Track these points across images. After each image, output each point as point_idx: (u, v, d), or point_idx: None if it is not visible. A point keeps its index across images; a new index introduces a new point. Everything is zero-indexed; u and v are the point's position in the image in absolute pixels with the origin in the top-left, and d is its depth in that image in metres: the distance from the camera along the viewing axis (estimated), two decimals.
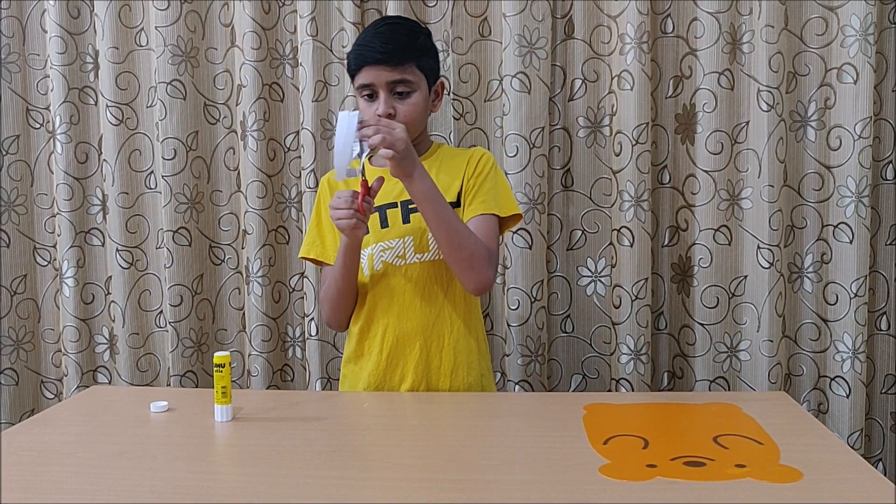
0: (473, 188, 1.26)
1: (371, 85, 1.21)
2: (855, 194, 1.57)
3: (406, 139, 1.11)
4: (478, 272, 1.20)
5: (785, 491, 0.82)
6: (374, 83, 1.21)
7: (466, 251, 1.18)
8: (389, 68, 1.20)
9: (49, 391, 1.87)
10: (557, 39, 1.65)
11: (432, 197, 1.15)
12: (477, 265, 1.19)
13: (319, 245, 1.33)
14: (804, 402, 1.66)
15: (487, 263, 1.20)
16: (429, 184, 1.15)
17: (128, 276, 1.78)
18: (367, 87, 1.22)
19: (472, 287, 1.22)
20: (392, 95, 1.22)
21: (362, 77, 1.22)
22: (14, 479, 0.89)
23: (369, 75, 1.21)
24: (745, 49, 1.59)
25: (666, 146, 1.66)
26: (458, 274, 1.21)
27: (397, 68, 1.20)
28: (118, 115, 1.75)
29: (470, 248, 1.18)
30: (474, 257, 1.19)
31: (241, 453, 0.98)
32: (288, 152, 1.76)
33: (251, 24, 1.67)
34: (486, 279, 1.21)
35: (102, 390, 1.58)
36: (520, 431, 1.06)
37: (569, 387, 1.73)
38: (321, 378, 1.73)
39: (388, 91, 1.21)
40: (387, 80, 1.20)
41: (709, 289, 1.64)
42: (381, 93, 1.21)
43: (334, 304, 1.29)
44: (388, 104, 1.21)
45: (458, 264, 1.19)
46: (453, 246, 1.18)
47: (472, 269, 1.19)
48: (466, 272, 1.20)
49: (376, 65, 1.20)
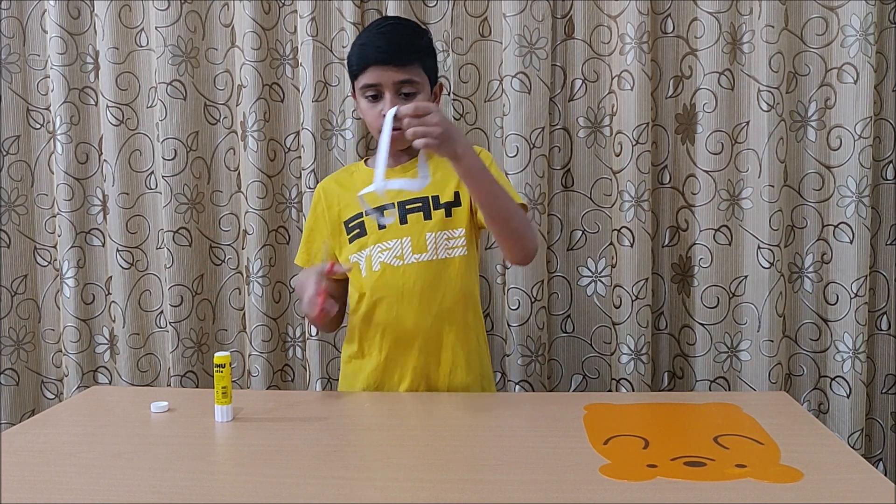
0: None
1: (377, 85, 1.20)
2: (855, 194, 1.57)
3: (442, 120, 1.03)
4: (529, 240, 1.19)
5: (785, 491, 0.82)
6: (381, 83, 1.19)
7: (515, 221, 1.16)
8: (396, 68, 1.18)
9: (49, 391, 1.87)
10: (557, 39, 1.65)
11: (480, 173, 1.11)
12: (528, 234, 1.19)
13: (305, 253, 1.35)
14: (804, 402, 1.65)
15: (533, 233, 1.21)
16: (475, 160, 1.11)
17: (128, 276, 1.78)
18: (372, 87, 1.20)
19: (522, 256, 1.20)
20: (397, 96, 1.20)
21: (367, 77, 1.20)
22: (14, 479, 0.89)
23: (375, 75, 1.19)
24: (745, 49, 1.59)
25: (666, 146, 1.66)
26: (511, 245, 1.18)
27: (404, 68, 1.19)
28: (118, 116, 1.75)
29: (518, 218, 1.17)
30: (523, 226, 1.18)
31: (241, 453, 0.98)
32: (288, 152, 1.76)
33: (251, 24, 1.67)
34: (535, 247, 1.21)
35: (103, 390, 1.58)
36: (520, 431, 1.06)
37: (569, 387, 1.73)
38: (321, 378, 1.73)
39: (393, 92, 1.19)
40: (394, 81, 1.18)
41: (709, 289, 1.64)
42: (386, 93, 1.19)
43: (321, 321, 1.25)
44: (394, 104, 1.17)
45: (511, 235, 1.17)
46: (504, 218, 1.15)
47: (525, 237, 1.18)
48: (519, 242, 1.18)
49: (382, 65, 1.18)
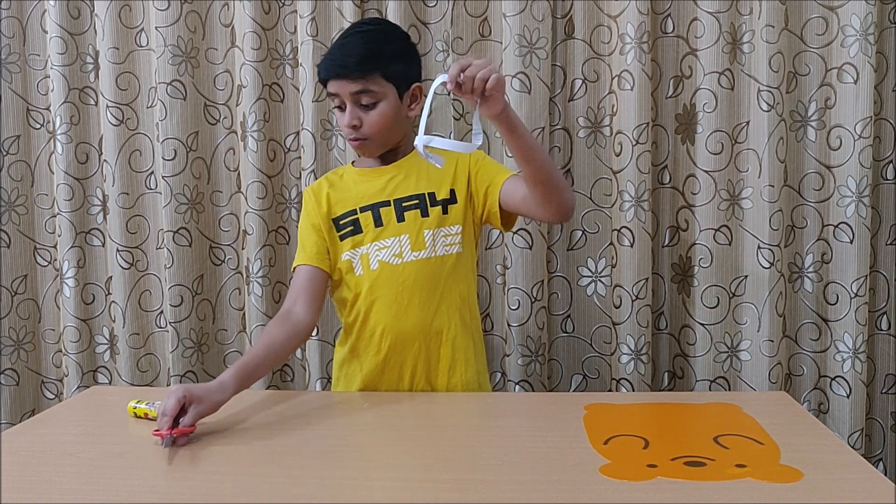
0: (483, 168, 1.29)
1: (337, 95, 1.24)
2: (855, 194, 1.57)
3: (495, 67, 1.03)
4: (569, 192, 1.21)
5: (785, 491, 0.82)
6: (339, 93, 1.23)
7: (556, 171, 1.18)
8: (350, 81, 1.21)
9: (49, 391, 1.87)
10: (557, 39, 1.65)
11: (521, 124, 1.12)
12: (567, 186, 1.22)
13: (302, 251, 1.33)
14: (804, 401, 1.65)
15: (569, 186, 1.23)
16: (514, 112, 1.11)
17: (128, 276, 1.78)
18: (335, 96, 1.24)
19: (564, 210, 1.19)
20: (356, 106, 1.23)
21: (330, 87, 1.25)
22: (14, 479, 0.89)
23: (334, 86, 1.23)
24: (745, 49, 1.59)
25: (666, 146, 1.66)
26: (552, 198, 1.16)
27: (359, 80, 1.21)
28: (118, 116, 1.75)
29: (557, 170, 1.21)
30: (561, 178, 1.21)
31: (240, 453, 0.98)
32: (288, 153, 1.76)
33: (251, 24, 1.67)
34: (574, 200, 1.22)
35: (102, 390, 1.58)
36: (520, 431, 1.06)
37: (569, 387, 1.73)
38: (321, 378, 1.73)
39: (353, 102, 1.23)
40: (350, 91, 1.22)
41: (709, 289, 1.64)
42: (347, 103, 1.23)
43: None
44: (353, 115, 1.23)
45: (554, 187, 1.16)
46: (546, 169, 1.15)
47: (566, 189, 1.19)
48: (560, 194, 1.17)
49: (337, 77, 1.22)
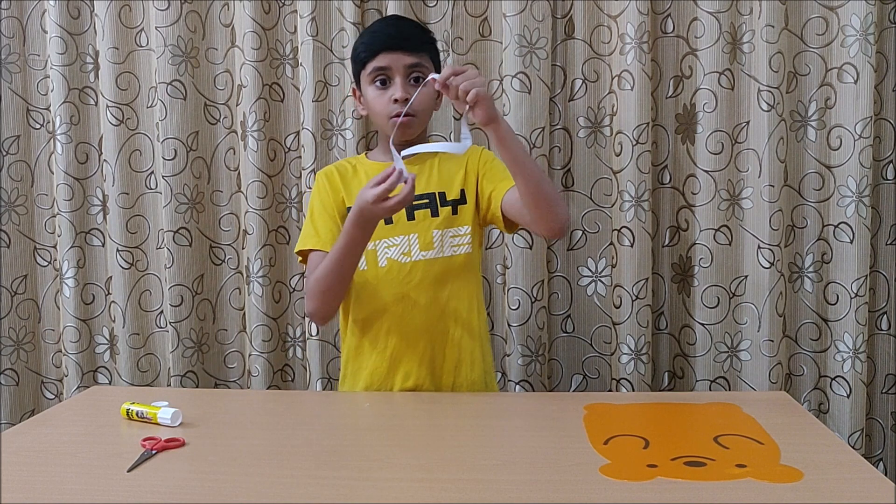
0: (490, 171, 1.27)
1: (387, 69, 1.21)
2: (855, 194, 1.57)
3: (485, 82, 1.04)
4: (562, 207, 1.18)
5: (785, 491, 0.82)
6: (391, 66, 1.21)
7: (548, 186, 1.16)
8: (407, 52, 1.20)
9: (49, 391, 1.87)
10: (557, 39, 1.65)
11: (513, 136, 1.11)
12: (560, 201, 1.19)
13: (314, 235, 1.27)
14: (805, 401, 1.65)
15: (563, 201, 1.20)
16: (507, 124, 1.11)
17: (128, 276, 1.78)
18: (383, 70, 1.21)
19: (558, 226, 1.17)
20: (407, 80, 1.21)
21: (377, 61, 1.21)
22: (14, 479, 0.89)
23: (385, 59, 1.21)
24: (745, 49, 1.59)
25: (666, 146, 1.66)
26: (545, 213, 1.14)
27: (414, 54, 1.21)
28: (118, 116, 1.75)
29: (549, 184, 1.18)
30: (555, 192, 1.18)
31: (240, 453, 0.98)
32: (288, 152, 1.76)
33: (251, 24, 1.67)
34: (568, 216, 1.20)
35: (102, 390, 1.58)
36: (520, 431, 1.06)
37: (569, 387, 1.73)
38: (321, 378, 1.73)
39: (403, 76, 1.21)
40: (404, 64, 1.21)
41: (709, 289, 1.64)
42: (396, 77, 1.21)
43: (333, 292, 1.23)
44: (405, 88, 1.20)
45: (545, 201, 1.14)
46: (538, 182, 1.13)
47: (558, 203, 1.17)
48: (553, 209, 1.14)
49: (393, 49, 1.20)
